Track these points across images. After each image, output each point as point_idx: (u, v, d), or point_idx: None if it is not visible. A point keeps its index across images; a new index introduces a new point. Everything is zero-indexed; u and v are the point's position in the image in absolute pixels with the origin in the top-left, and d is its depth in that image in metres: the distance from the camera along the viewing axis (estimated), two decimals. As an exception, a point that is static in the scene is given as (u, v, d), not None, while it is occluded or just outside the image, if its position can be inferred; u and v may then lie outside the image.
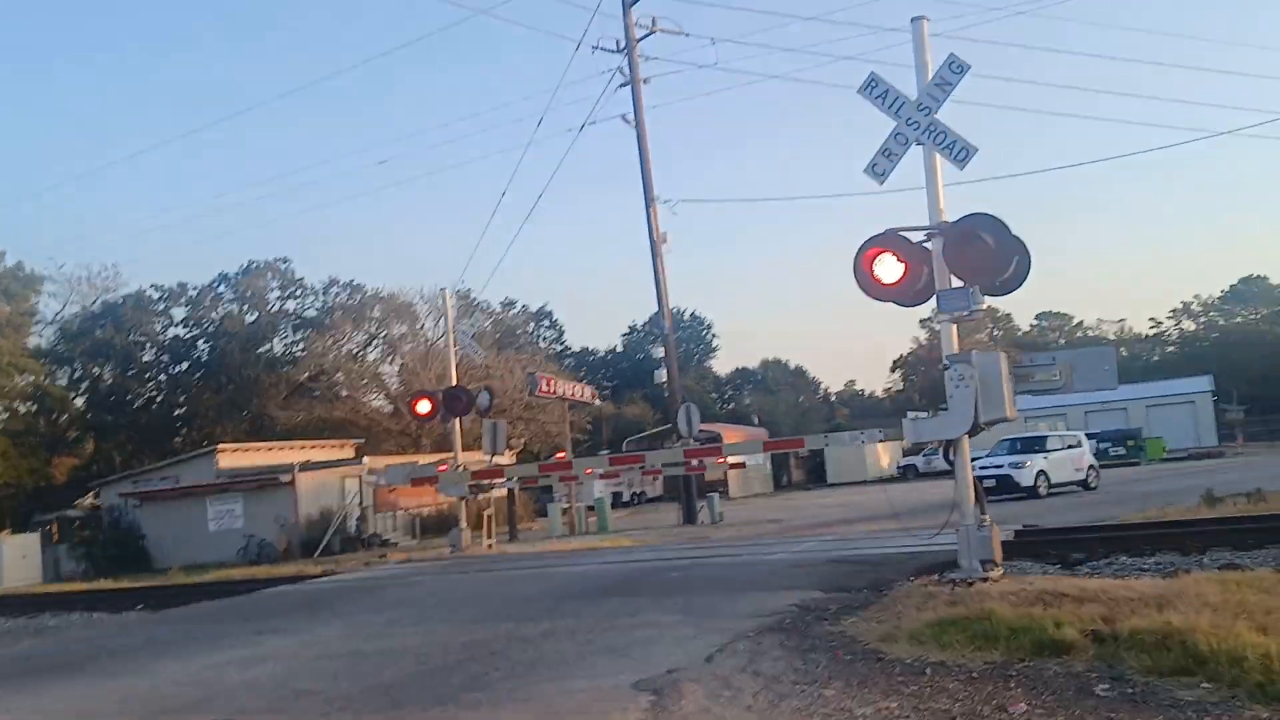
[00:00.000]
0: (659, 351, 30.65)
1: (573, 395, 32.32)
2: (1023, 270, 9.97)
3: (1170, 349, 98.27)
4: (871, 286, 10.05)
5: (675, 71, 37.47)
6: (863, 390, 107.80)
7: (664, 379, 29.70)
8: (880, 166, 10.09)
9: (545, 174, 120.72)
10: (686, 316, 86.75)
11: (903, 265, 9.90)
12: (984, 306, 9.91)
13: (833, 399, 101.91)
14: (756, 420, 75.06)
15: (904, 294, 10.05)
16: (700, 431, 30.76)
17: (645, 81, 30.64)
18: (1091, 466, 32.04)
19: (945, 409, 9.88)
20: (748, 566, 13.27)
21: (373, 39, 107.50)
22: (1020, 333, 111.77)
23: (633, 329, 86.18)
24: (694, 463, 27.88)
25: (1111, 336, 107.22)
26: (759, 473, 56.37)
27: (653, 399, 76.52)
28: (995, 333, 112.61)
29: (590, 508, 33.27)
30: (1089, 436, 38.61)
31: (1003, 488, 30.24)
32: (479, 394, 21.81)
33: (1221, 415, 73.08)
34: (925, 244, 10.10)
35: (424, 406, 21.37)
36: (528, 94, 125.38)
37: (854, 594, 10.22)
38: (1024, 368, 9.96)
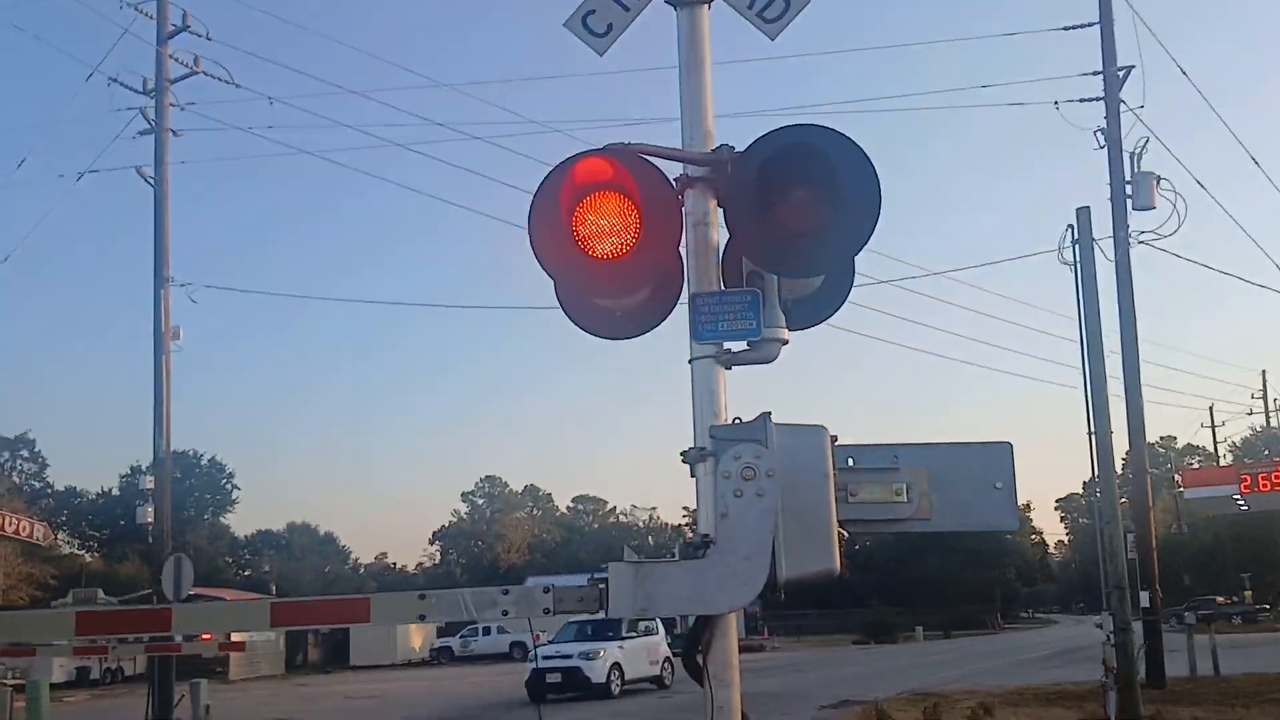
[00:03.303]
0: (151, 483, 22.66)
1: (14, 532, 23.24)
2: (851, 269, 5.10)
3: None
4: (568, 256, 4.56)
5: (216, 129, 30.62)
6: (395, 563, 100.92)
7: (149, 518, 21.81)
8: (601, 16, 4.78)
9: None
10: (205, 461, 75.58)
11: (635, 216, 4.55)
12: (784, 338, 4.77)
13: (362, 570, 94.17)
14: (274, 590, 65.88)
15: (625, 280, 4.73)
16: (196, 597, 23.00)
17: (176, 134, 23.84)
18: (667, 659, 27.79)
19: (702, 547, 4.42)
20: None
21: None
22: (559, 513, 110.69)
23: (135, 470, 73.23)
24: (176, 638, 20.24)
25: (641, 525, 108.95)
26: (270, 650, 47.55)
27: (152, 556, 64.63)
28: (535, 511, 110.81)
29: (19, 689, 23.68)
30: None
31: (569, 684, 25.10)
32: None
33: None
34: (677, 197, 4.78)
35: None
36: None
37: None
38: (842, 471, 4.76)
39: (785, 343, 4.80)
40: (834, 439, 4.74)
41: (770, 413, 4.60)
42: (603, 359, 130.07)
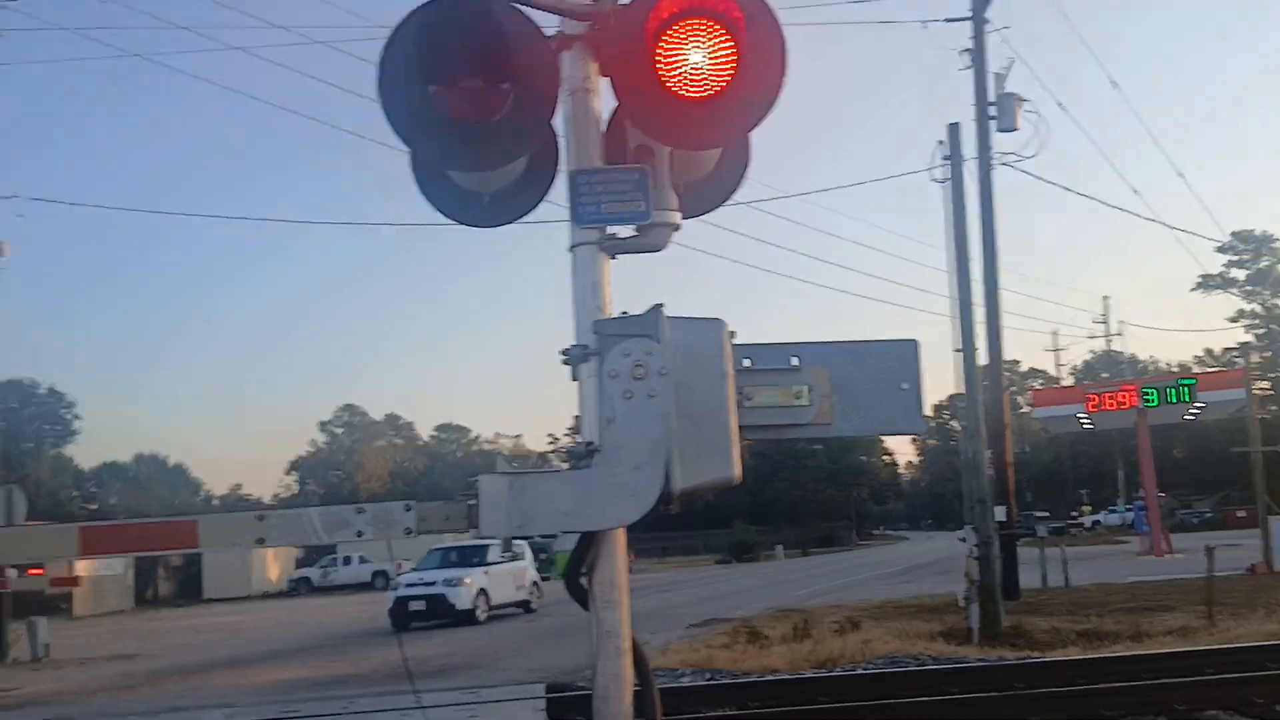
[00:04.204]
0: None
1: None
2: (748, 146, 4.64)
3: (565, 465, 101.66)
4: (422, 115, 3.91)
5: (42, 29, 28.01)
6: (250, 495, 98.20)
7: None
8: None
9: None
10: (43, 390, 71.66)
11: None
12: (675, 223, 4.26)
13: (215, 502, 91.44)
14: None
15: (488, 151, 4.14)
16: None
17: (-6, 31, 21.73)
18: (535, 583, 27.49)
19: (586, 456, 3.91)
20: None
21: None
22: (421, 442, 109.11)
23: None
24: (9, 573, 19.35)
25: (506, 453, 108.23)
26: (117, 584, 45.61)
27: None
28: (396, 440, 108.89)
29: None
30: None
31: (434, 611, 24.56)
32: None
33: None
34: (553, 56, 4.17)
35: None
36: None
37: None
38: (738, 373, 4.28)
39: (677, 228, 4.28)
40: (732, 334, 4.24)
41: (663, 305, 4.07)
42: (464, 285, 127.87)
